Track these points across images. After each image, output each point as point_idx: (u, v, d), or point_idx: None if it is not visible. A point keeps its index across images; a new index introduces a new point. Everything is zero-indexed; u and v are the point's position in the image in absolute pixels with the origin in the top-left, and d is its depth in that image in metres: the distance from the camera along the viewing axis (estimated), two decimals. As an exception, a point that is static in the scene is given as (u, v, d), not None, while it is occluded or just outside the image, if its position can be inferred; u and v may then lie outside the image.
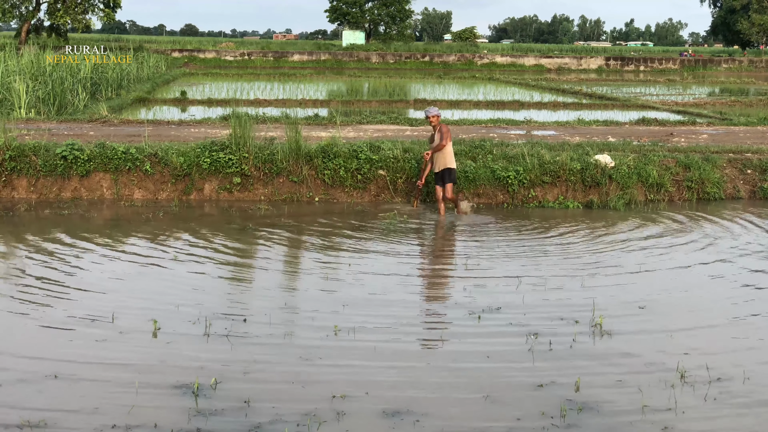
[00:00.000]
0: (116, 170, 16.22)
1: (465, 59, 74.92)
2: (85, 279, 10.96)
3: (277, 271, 11.87)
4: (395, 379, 7.99)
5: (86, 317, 9.44)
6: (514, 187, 16.49)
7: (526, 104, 35.74)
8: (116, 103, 28.75)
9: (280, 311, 9.89)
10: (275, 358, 8.41)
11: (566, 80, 56.49)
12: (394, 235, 13.88)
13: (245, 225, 14.35)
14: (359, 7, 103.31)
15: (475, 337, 9.14)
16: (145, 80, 40.95)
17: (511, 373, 8.19)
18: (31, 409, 7.13)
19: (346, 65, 69.96)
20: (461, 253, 12.78)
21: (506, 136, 21.47)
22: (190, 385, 7.63)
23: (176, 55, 69.01)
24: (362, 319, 9.58)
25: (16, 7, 65.12)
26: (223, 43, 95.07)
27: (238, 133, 16.37)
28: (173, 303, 10.01)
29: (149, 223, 14.39)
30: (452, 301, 10.37)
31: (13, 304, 9.94)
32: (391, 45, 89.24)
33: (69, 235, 13.39)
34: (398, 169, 16.59)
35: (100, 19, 67.20)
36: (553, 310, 10.10)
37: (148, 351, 8.55)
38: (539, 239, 13.94)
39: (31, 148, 16.28)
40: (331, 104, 33.21)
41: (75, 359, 8.26)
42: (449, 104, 34.92)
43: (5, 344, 8.61)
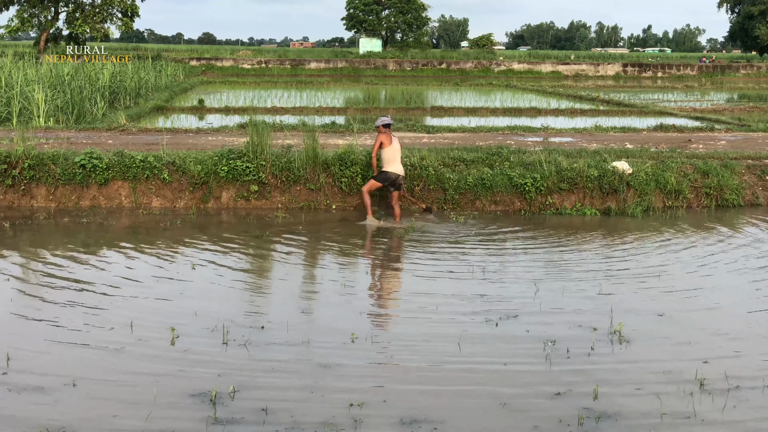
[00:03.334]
0: (134, 178, 16.30)
1: (482, 66, 74.94)
2: (104, 287, 11.00)
3: (295, 278, 11.88)
4: (413, 386, 7.97)
5: (104, 325, 9.48)
6: (532, 194, 16.45)
7: (543, 111, 35.69)
8: (134, 112, 28.90)
9: (298, 319, 9.90)
10: (293, 366, 8.42)
11: (583, 87, 56.38)
12: (411, 242, 13.88)
13: (263, 233, 14.38)
14: (376, 15, 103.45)
15: (493, 344, 9.12)
16: (163, 89, 41.16)
17: (528, 380, 8.16)
18: (50, 416, 7.17)
19: (363, 73, 70.08)
20: (478, 259, 12.76)
21: (523, 143, 21.45)
22: (207, 392, 7.64)
23: (194, 64, 69.33)
24: (379, 325, 9.60)
25: (35, 16, 65.49)
26: (240, 52, 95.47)
27: (256, 141, 16.41)
28: (191, 311, 10.04)
29: (167, 231, 14.44)
30: (469, 308, 10.35)
31: (31, 311, 9.99)
32: (407, 52, 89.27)
33: (87, 243, 13.46)
34: (415, 177, 16.58)
35: (119, 28, 67.46)
36: (571, 316, 10.07)
37: (166, 358, 8.57)
38: (557, 246, 13.90)
39: (49, 156, 16.38)
40: (348, 112, 33.28)
41: (93, 367, 8.29)
42: (466, 111, 34.93)
43: (24, 352, 8.65)
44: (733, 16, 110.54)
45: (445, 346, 9.05)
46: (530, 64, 77.35)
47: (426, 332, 9.47)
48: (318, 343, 9.07)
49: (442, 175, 16.66)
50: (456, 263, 12.58)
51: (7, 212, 15.59)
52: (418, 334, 9.38)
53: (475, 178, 16.63)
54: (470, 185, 16.54)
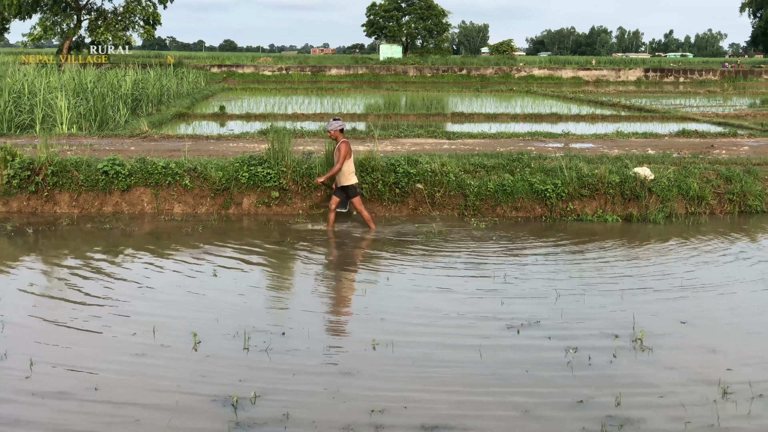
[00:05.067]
0: (156, 185, 16.37)
1: (502, 72, 74.88)
2: (126, 292, 11.06)
3: (315, 284, 11.90)
4: (434, 393, 7.97)
5: (127, 330, 9.53)
6: (552, 201, 16.41)
7: (564, 117, 35.59)
8: (156, 119, 29.07)
9: (319, 324, 9.91)
10: (314, 372, 8.43)
11: (605, 92, 56.18)
12: (432, 248, 13.87)
13: (283, 239, 14.41)
14: (396, 21, 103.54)
15: (514, 351, 9.10)
16: (184, 96, 41.39)
17: (550, 387, 8.13)
18: (73, 421, 7.22)
19: (383, 79, 70.19)
20: (499, 266, 12.74)
21: (544, 149, 21.41)
22: (229, 397, 7.67)
23: (215, 71, 69.67)
24: (400, 332, 9.58)
25: (57, 24, 66.11)
26: (261, 58, 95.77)
27: (277, 148, 16.46)
28: (213, 316, 10.07)
29: (189, 237, 14.50)
30: (491, 315, 10.33)
31: (54, 316, 10.05)
32: (428, 58, 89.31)
33: (110, 249, 13.53)
34: (436, 183, 16.57)
35: (141, 35, 68.05)
36: (593, 324, 10.03)
37: (188, 364, 8.60)
38: (578, 252, 13.86)
39: (72, 163, 16.48)
40: (369, 118, 33.29)
41: (116, 372, 8.34)
42: (487, 117, 34.89)
43: (46, 357, 8.70)
44: (755, 21, 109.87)
45: (466, 352, 9.03)
46: (551, 70, 77.18)
47: (447, 339, 9.46)
48: (339, 349, 9.09)
49: (463, 181, 16.65)
50: (477, 269, 12.56)
51: (31, 218, 15.70)
52: (439, 341, 9.37)
53: (495, 184, 16.60)
54: (491, 191, 16.51)
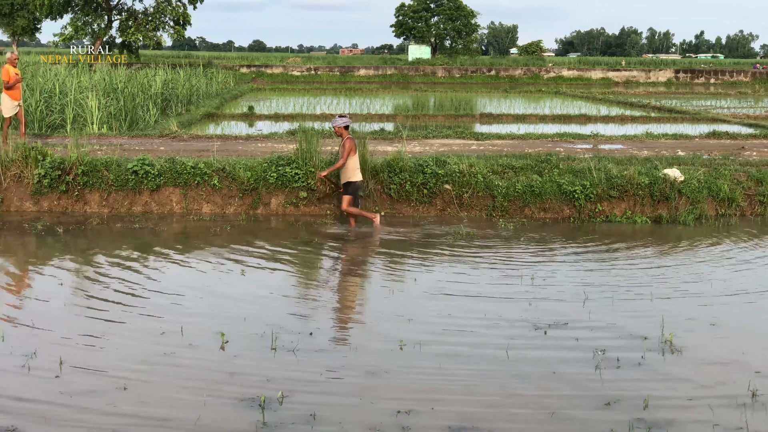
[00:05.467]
0: (185, 185, 16.46)
1: (531, 73, 74.64)
2: (155, 292, 11.12)
3: (343, 284, 11.93)
4: (461, 394, 7.96)
5: (155, 329, 9.59)
6: (581, 202, 16.34)
7: (593, 118, 35.42)
8: (186, 119, 29.21)
9: (346, 325, 9.94)
10: (341, 372, 8.44)
11: (634, 93, 55.85)
12: (459, 249, 13.85)
13: (311, 239, 14.45)
14: (425, 22, 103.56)
15: (542, 352, 9.07)
16: (213, 96, 41.58)
17: (578, 389, 8.10)
18: (101, 419, 7.27)
19: (411, 79, 70.17)
20: (527, 266, 12.70)
21: (573, 150, 21.32)
22: (256, 397, 7.69)
23: (244, 71, 69.92)
24: (427, 333, 9.58)
25: (88, 25, 66.64)
26: (290, 59, 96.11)
27: (305, 148, 16.49)
28: (240, 316, 10.11)
29: (217, 237, 14.56)
30: (518, 316, 10.30)
31: (83, 316, 10.13)
32: (456, 59, 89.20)
33: (139, 248, 13.62)
34: (464, 184, 16.55)
35: (171, 36, 68.45)
36: (621, 325, 9.97)
37: (216, 363, 8.64)
38: (606, 254, 13.79)
39: (103, 163, 16.60)
40: (397, 118, 33.30)
41: (144, 371, 8.39)
42: (515, 118, 34.80)
43: (75, 356, 8.77)
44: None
45: (493, 353, 9.01)
46: (580, 71, 76.82)
47: (474, 339, 9.45)
48: (366, 350, 9.09)
49: (491, 182, 16.62)
50: (504, 270, 12.54)
51: (61, 217, 15.84)
52: (467, 341, 9.36)
53: (523, 185, 16.56)
54: (519, 192, 16.47)
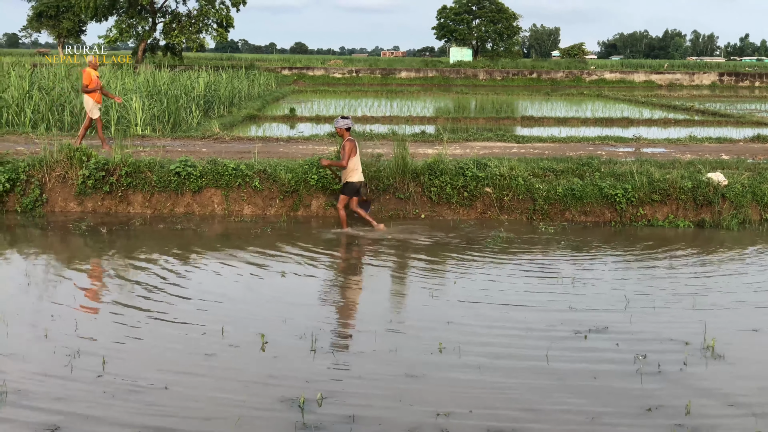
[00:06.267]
0: (227, 186, 16.58)
1: (573, 76, 74.17)
2: (196, 293, 11.21)
3: (383, 287, 11.93)
4: (500, 397, 7.93)
5: (196, 330, 9.67)
6: (622, 206, 16.22)
7: (635, 121, 35.16)
8: (228, 120, 29.42)
9: (386, 327, 9.94)
10: (380, 374, 8.46)
11: (678, 96, 55.35)
12: (499, 252, 13.81)
13: (352, 241, 14.48)
14: (467, 24, 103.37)
15: (582, 357, 9.01)
16: (255, 98, 41.81)
17: (618, 394, 8.04)
18: (144, 418, 7.35)
19: (453, 82, 70.03)
20: (567, 270, 12.64)
21: (614, 153, 21.18)
22: (296, 399, 7.73)
23: (286, 73, 70.21)
24: (467, 336, 9.56)
25: (133, 27, 67.35)
26: (331, 61, 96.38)
27: (346, 150, 16.53)
28: (280, 318, 10.16)
29: (258, 238, 14.64)
30: (558, 320, 10.25)
31: (126, 315, 10.23)
32: (498, 62, 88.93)
33: (181, 249, 13.73)
34: (505, 187, 16.50)
35: (214, 38, 68.92)
36: (663, 331, 9.89)
37: (256, 364, 8.69)
38: (648, 258, 13.68)
39: (146, 164, 16.77)
40: (438, 121, 33.29)
41: (186, 371, 8.46)
42: (556, 121, 34.63)
43: (118, 355, 8.87)
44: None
45: (533, 357, 8.97)
46: (623, 74, 76.20)
47: (513, 343, 9.42)
48: (405, 352, 9.09)
49: (532, 185, 16.55)
50: (544, 274, 12.48)
51: (105, 218, 16.02)
52: (506, 345, 9.33)
53: (564, 188, 16.48)
54: (560, 195, 16.39)
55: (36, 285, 11.58)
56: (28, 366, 8.51)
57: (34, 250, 13.87)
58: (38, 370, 8.41)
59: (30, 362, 8.61)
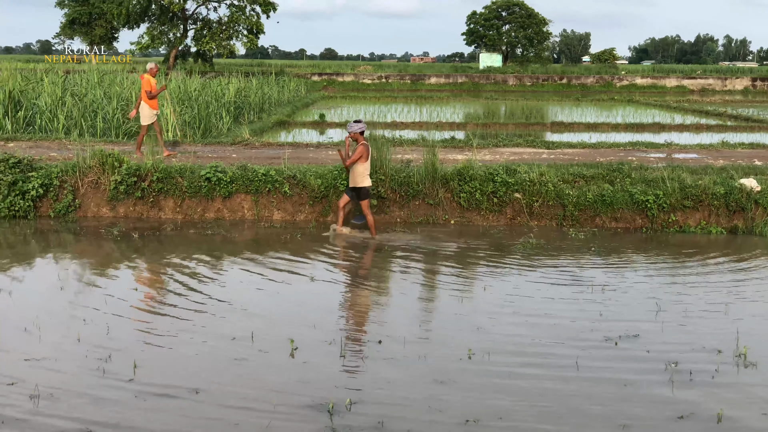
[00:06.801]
0: (257, 192, 16.65)
1: (604, 81, 73.77)
2: (226, 298, 11.26)
3: (412, 292, 11.91)
4: (529, 404, 7.90)
5: (226, 335, 9.71)
6: (654, 212, 16.12)
7: (666, 126, 34.90)
8: (258, 126, 29.53)
9: (415, 333, 9.93)
10: (409, 380, 8.45)
11: (710, 102, 54.88)
12: (527, 257, 13.77)
13: (381, 246, 14.48)
14: (496, 30, 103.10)
15: (612, 364, 8.96)
16: (285, 103, 41.96)
17: (649, 402, 7.99)
18: (174, 422, 7.39)
19: (482, 88, 69.90)
20: (598, 277, 12.57)
21: (646, 159, 21.05)
22: (325, 404, 7.74)
23: (316, 79, 70.42)
24: (496, 342, 9.54)
25: (164, 34, 67.84)
26: (361, 67, 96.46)
27: (375, 156, 16.56)
28: (310, 323, 10.18)
29: (288, 244, 14.68)
30: (588, 326, 10.20)
31: (157, 320, 10.30)
32: (528, 67, 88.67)
33: (211, 255, 13.80)
34: (534, 193, 16.45)
35: (244, 44, 69.20)
36: (694, 338, 9.81)
37: (286, 369, 8.71)
38: (680, 264, 13.58)
39: (177, 170, 16.88)
40: (468, 127, 33.23)
41: (216, 376, 8.50)
42: (587, 127, 34.45)
43: (149, 359, 8.94)
44: None
45: (562, 364, 8.93)
46: (654, 79, 75.69)
47: (543, 350, 9.38)
48: (434, 358, 9.08)
49: (562, 191, 16.49)
50: (574, 280, 12.42)
51: (137, 223, 16.14)
52: (536, 351, 9.30)
53: (595, 194, 16.40)
54: (590, 201, 16.31)
55: (68, 289, 11.68)
56: (60, 370, 8.59)
57: (66, 255, 14.01)
58: (70, 374, 8.48)
59: (62, 366, 8.69)
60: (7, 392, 7.98)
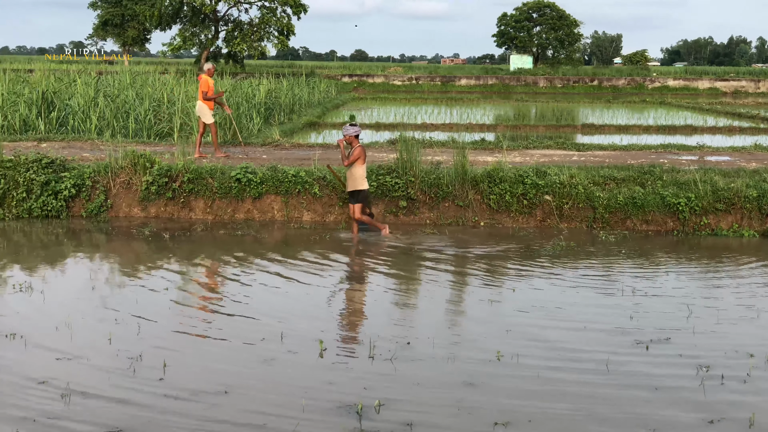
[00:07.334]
0: (287, 193, 16.70)
1: (635, 83, 73.31)
2: (256, 298, 11.31)
3: (441, 294, 11.90)
4: (558, 407, 7.87)
5: (255, 335, 9.74)
6: (685, 214, 16.00)
7: (699, 129, 34.61)
8: (288, 127, 29.60)
9: (444, 335, 9.92)
10: (438, 382, 8.44)
11: (743, 104, 54.35)
12: (559, 260, 13.71)
13: (410, 248, 14.47)
14: (527, 32, 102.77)
15: (643, 367, 8.90)
16: (316, 105, 42.03)
17: (680, 406, 7.92)
18: (203, 422, 7.43)
19: (513, 89, 69.69)
20: (629, 280, 12.49)
21: (677, 161, 20.89)
22: (354, 405, 7.75)
23: (346, 80, 70.52)
24: (525, 344, 9.50)
25: (196, 36, 68.29)
26: (391, 68, 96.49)
27: (405, 157, 16.57)
28: (338, 324, 10.21)
29: (317, 245, 14.71)
30: (618, 329, 10.13)
31: (187, 320, 10.36)
32: (559, 69, 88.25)
33: (241, 255, 13.86)
34: (564, 195, 16.38)
35: (275, 46, 69.52)
36: (727, 342, 9.72)
37: (314, 370, 8.73)
38: (712, 268, 13.47)
39: (207, 170, 16.98)
40: (498, 129, 33.14)
41: (245, 376, 8.53)
42: (618, 129, 34.26)
43: (179, 359, 8.98)
44: None
45: (592, 367, 8.88)
46: (686, 81, 75.07)
47: (573, 352, 9.33)
48: (463, 360, 9.07)
49: (592, 193, 16.41)
50: (604, 283, 12.36)
51: (168, 224, 16.24)
52: (565, 355, 9.25)
53: (625, 196, 16.30)
54: (620, 204, 16.22)
55: (100, 289, 11.76)
56: (91, 369, 8.66)
57: (98, 254, 14.13)
58: (101, 373, 8.55)
59: (93, 365, 8.76)
60: (39, 391, 8.06)
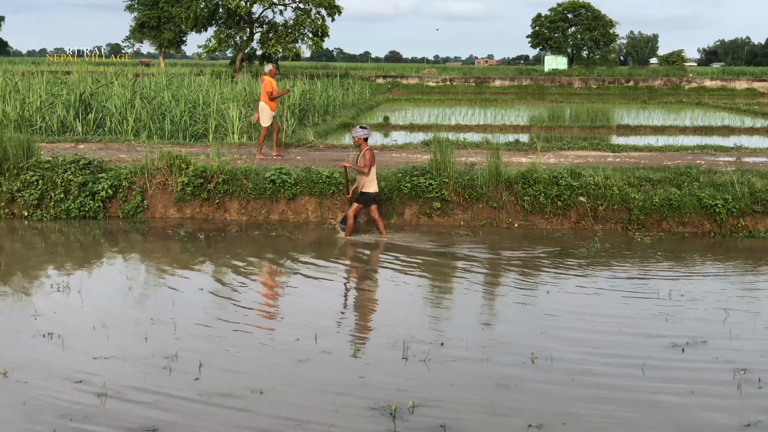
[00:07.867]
0: (320, 194, 16.76)
1: (671, 83, 72.66)
2: (290, 298, 11.36)
3: (475, 295, 11.88)
4: (592, 410, 7.83)
5: (291, 336, 9.78)
6: (722, 216, 15.85)
7: (736, 130, 34.26)
8: (322, 129, 29.67)
9: (477, 336, 9.91)
10: (472, 384, 8.43)
11: (781, 104, 53.75)
12: (594, 262, 13.64)
13: (445, 249, 14.47)
14: (562, 32, 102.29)
15: (679, 371, 8.84)
16: (350, 106, 42.09)
17: (716, 410, 7.86)
18: (239, 422, 7.48)
19: (547, 90, 69.35)
20: (664, 282, 12.40)
21: (714, 162, 20.71)
22: (387, 406, 7.76)
23: (380, 81, 70.53)
24: (559, 347, 9.47)
25: (231, 37, 68.61)
26: (425, 69, 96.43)
27: (439, 159, 16.57)
28: (373, 325, 10.23)
29: (350, 246, 14.74)
30: (654, 331, 10.07)
31: (223, 320, 10.41)
32: (594, 70, 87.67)
33: (276, 256, 13.93)
34: (599, 196, 16.29)
35: (309, 47, 69.64)
36: (763, 345, 9.63)
37: (349, 371, 8.76)
38: (750, 270, 13.34)
39: (242, 171, 17.08)
40: (532, 130, 33.03)
41: (279, 377, 8.57)
42: (653, 130, 34.01)
43: (215, 359, 9.04)
44: None
45: (628, 369, 8.83)
46: (723, 81, 74.31)
47: (608, 355, 9.28)
48: (497, 362, 9.05)
49: (627, 194, 16.31)
50: (639, 285, 12.27)
51: (203, 224, 16.35)
52: (600, 356, 9.21)
53: (661, 198, 16.19)
54: (656, 205, 16.11)
55: (136, 289, 11.88)
56: (127, 368, 8.74)
57: (134, 255, 14.25)
58: (137, 372, 8.63)
59: (129, 364, 8.85)
60: (76, 390, 8.15)
